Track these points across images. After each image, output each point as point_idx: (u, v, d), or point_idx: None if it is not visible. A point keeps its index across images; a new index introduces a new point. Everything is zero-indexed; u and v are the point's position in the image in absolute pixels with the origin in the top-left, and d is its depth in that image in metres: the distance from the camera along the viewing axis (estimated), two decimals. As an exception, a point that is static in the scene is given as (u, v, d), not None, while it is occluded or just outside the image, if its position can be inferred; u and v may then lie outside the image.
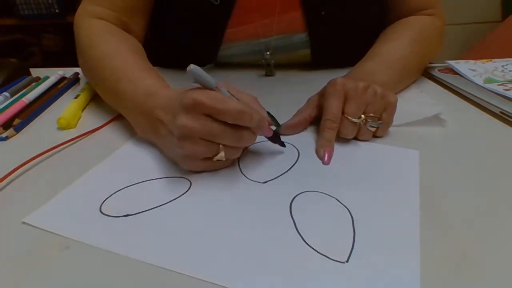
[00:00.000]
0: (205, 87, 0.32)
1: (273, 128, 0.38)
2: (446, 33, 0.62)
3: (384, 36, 0.58)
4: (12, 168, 0.36)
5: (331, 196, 0.33)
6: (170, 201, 0.32)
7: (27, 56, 1.97)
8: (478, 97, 0.52)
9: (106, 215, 0.31)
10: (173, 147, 0.34)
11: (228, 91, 0.33)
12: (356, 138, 0.42)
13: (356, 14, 0.61)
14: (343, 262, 0.26)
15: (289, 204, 0.32)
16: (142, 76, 0.42)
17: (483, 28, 1.66)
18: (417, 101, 0.51)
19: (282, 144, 0.39)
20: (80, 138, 0.43)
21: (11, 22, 1.84)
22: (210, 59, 0.64)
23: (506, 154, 0.40)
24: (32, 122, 0.48)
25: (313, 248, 0.27)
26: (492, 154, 0.40)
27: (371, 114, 0.41)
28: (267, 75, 0.63)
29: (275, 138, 0.38)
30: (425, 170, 0.37)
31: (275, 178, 0.36)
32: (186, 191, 0.34)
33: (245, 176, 0.36)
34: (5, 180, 0.35)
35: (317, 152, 0.40)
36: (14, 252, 0.27)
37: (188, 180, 0.35)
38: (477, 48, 1.41)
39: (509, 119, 0.46)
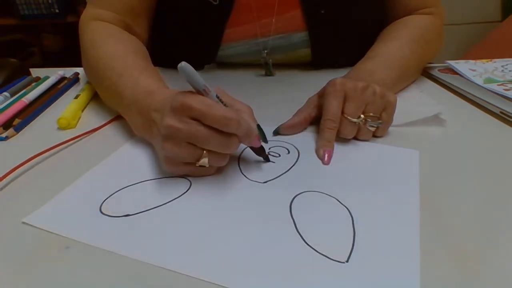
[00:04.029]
0: (193, 86, 0.32)
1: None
2: (446, 33, 0.62)
3: (383, 36, 0.58)
4: (11, 168, 0.36)
5: (331, 196, 0.33)
6: (170, 201, 0.32)
7: (27, 56, 1.98)
8: (478, 97, 0.52)
9: (106, 215, 0.31)
10: (160, 148, 0.34)
11: (217, 96, 0.33)
12: (356, 138, 0.42)
13: (356, 12, 0.61)
14: (343, 262, 0.26)
15: (289, 204, 0.32)
16: (142, 75, 0.42)
17: (483, 28, 1.66)
18: (417, 101, 0.51)
19: (267, 158, 0.38)
20: (80, 138, 0.43)
21: (11, 22, 1.84)
22: (210, 59, 0.64)
23: (506, 154, 0.40)
24: (32, 122, 0.48)
25: (313, 248, 0.27)
26: (492, 154, 0.40)
27: (371, 114, 0.41)
28: (266, 75, 0.63)
29: (261, 151, 0.38)
30: (425, 170, 0.37)
31: (275, 178, 0.36)
32: (186, 191, 0.34)
33: (245, 176, 0.36)
34: (5, 180, 0.35)
35: (317, 152, 0.40)
36: (14, 252, 0.27)
37: (188, 180, 0.35)
38: (477, 48, 1.41)
39: (509, 119, 0.46)
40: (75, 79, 0.62)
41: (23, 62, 0.65)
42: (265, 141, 0.41)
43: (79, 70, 0.65)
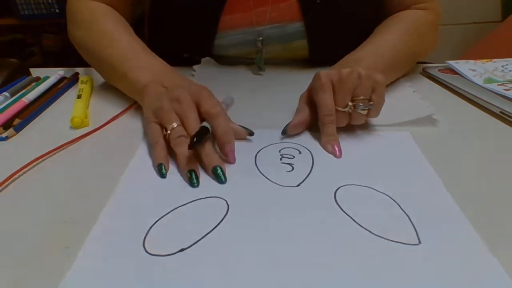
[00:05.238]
0: None
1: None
2: (446, 33, 0.62)
3: (377, 30, 0.59)
4: (11, 168, 0.36)
5: (367, 187, 0.34)
6: (216, 226, 0.30)
7: (27, 56, 1.97)
8: (478, 97, 0.52)
9: (156, 255, 0.27)
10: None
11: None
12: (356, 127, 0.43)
13: (352, 4, 0.61)
14: (417, 244, 0.28)
15: (334, 202, 0.32)
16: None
17: (483, 28, 1.66)
18: (410, 101, 0.51)
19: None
20: (81, 139, 0.43)
21: (11, 22, 1.84)
22: (207, 47, 0.63)
23: (506, 154, 0.40)
24: (32, 122, 0.48)
25: (383, 238, 0.28)
26: (492, 154, 0.40)
27: (361, 97, 0.41)
28: (258, 68, 0.62)
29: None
30: (425, 170, 0.37)
31: (305, 179, 0.36)
32: (227, 213, 0.31)
33: (276, 183, 0.35)
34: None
35: (325, 148, 0.41)
36: (14, 252, 0.27)
37: (223, 199, 0.33)
38: (477, 48, 1.41)
39: (509, 119, 0.46)
40: (75, 79, 0.62)
41: (23, 62, 0.65)
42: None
43: (79, 70, 0.65)
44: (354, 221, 0.30)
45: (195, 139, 0.34)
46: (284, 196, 0.33)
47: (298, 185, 0.35)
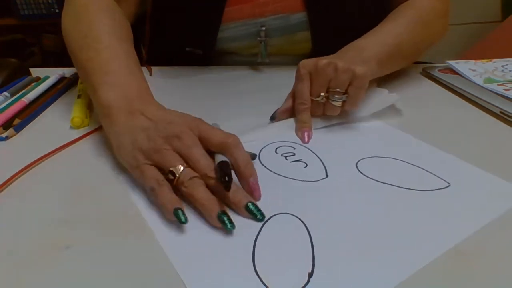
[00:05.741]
0: None
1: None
2: (446, 33, 0.62)
3: (385, 19, 0.58)
4: (11, 168, 0.36)
5: (375, 157, 0.39)
6: (311, 241, 0.28)
7: (27, 56, 1.97)
8: (478, 97, 0.52)
9: None
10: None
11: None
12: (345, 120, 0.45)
13: None
14: (449, 186, 0.34)
15: (365, 177, 0.35)
16: (137, 69, 0.43)
17: (483, 28, 1.66)
18: (374, 94, 0.50)
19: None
20: (81, 139, 0.43)
21: (11, 22, 1.84)
22: (210, 40, 0.62)
23: (507, 154, 0.40)
24: (32, 122, 0.48)
25: (427, 190, 0.33)
26: (493, 154, 0.40)
27: (337, 90, 0.42)
28: (261, 59, 0.62)
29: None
30: (425, 170, 0.37)
31: (325, 168, 0.37)
32: (305, 224, 0.30)
33: (310, 181, 0.35)
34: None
35: (297, 134, 0.44)
36: (14, 252, 0.27)
37: (287, 214, 0.31)
38: (477, 48, 1.41)
39: (509, 119, 0.46)
40: (75, 79, 0.62)
41: (23, 62, 0.65)
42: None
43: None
44: (396, 186, 0.34)
45: (226, 178, 0.29)
46: (329, 189, 0.34)
47: (327, 175, 0.36)
